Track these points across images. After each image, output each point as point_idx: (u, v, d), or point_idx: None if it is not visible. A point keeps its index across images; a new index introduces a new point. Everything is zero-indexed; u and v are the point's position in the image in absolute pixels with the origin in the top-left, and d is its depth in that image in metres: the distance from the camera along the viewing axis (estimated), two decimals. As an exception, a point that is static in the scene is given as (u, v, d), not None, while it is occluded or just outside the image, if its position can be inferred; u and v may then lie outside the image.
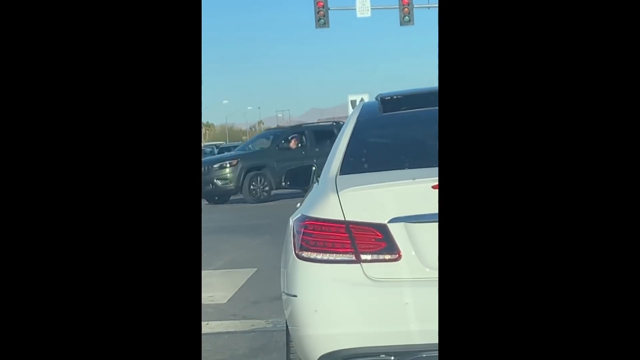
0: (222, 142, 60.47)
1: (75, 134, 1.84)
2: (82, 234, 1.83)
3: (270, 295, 6.36)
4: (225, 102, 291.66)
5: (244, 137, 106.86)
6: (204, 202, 17.37)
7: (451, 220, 1.86)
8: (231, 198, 18.55)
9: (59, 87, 1.84)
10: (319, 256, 3.12)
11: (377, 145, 3.91)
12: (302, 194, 4.28)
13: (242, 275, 7.90)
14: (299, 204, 3.82)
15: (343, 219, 3.11)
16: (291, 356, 3.57)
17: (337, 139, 3.89)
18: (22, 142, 1.81)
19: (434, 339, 1.90)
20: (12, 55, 1.80)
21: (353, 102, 25.03)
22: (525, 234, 1.83)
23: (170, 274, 1.87)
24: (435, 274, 1.97)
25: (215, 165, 17.99)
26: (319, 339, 3.08)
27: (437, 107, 1.84)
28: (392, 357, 3.00)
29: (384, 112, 4.05)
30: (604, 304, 1.79)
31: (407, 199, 3.09)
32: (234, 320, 5.95)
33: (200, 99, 1.91)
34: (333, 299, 3.08)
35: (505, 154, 1.84)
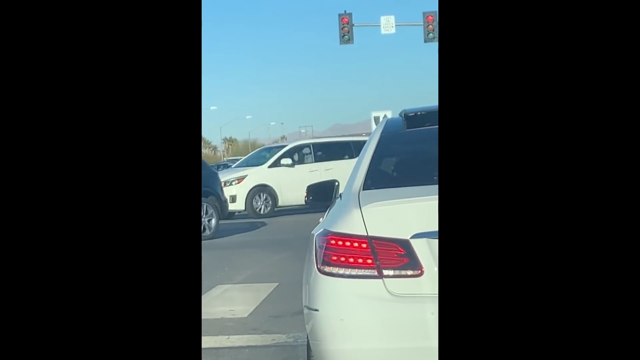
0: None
1: (77, 141, 1.85)
2: (82, 242, 1.84)
3: (291, 309, 6.36)
4: (248, 117, 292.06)
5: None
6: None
7: (451, 237, 1.86)
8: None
9: (65, 92, 1.85)
10: (341, 271, 3.12)
11: (401, 161, 3.91)
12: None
13: (263, 290, 7.90)
14: (321, 219, 3.82)
15: (366, 234, 3.11)
16: (312, 371, 3.56)
17: (360, 155, 3.90)
18: (25, 150, 1.82)
19: None
20: (12, 57, 1.82)
21: (376, 119, 25.05)
22: (524, 250, 1.83)
23: (170, 285, 1.87)
24: None
25: None
26: (341, 354, 3.08)
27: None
28: (413, 373, 2.99)
29: (408, 128, 4.06)
30: (603, 319, 1.79)
31: (429, 215, 3.08)
32: (255, 334, 5.95)
33: (200, 109, 1.92)
34: (355, 313, 3.08)
35: (505, 170, 1.85)
